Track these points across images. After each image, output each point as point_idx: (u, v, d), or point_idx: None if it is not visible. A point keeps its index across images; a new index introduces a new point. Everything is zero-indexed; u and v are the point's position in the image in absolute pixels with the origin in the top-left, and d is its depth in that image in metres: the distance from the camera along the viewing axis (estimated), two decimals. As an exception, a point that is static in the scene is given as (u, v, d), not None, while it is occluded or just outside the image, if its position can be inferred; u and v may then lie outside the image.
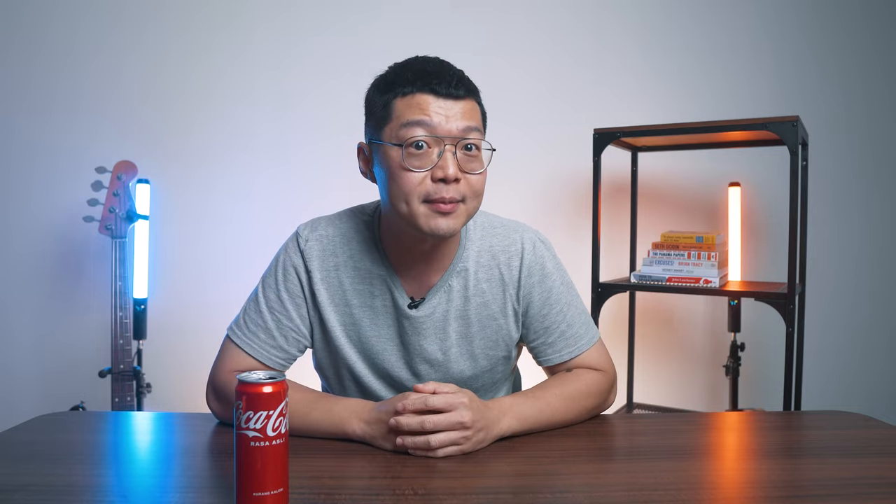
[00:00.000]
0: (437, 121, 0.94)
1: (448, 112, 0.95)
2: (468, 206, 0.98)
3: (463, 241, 1.09)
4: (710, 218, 2.41)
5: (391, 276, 1.07)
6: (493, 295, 1.09)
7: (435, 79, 0.95)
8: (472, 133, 0.97)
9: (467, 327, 1.09)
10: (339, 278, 1.08)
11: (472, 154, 0.97)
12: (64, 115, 2.39)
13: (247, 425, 0.72)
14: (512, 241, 1.10)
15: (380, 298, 1.07)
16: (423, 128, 0.94)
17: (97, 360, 2.22)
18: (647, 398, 2.40)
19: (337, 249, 1.08)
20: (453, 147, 0.95)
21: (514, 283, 1.09)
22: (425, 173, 0.95)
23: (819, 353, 2.30)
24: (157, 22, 2.41)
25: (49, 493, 0.79)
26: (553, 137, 2.43)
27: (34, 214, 2.40)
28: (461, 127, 0.95)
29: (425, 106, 0.95)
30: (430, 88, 0.95)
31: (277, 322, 1.08)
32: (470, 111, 0.97)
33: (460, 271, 1.08)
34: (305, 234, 1.09)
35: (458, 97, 0.96)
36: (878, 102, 2.41)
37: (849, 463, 0.90)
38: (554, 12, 2.43)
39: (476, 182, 0.98)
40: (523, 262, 1.09)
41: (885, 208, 2.42)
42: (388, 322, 1.08)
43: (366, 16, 2.42)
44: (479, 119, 1.00)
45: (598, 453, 0.98)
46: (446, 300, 1.07)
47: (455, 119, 0.95)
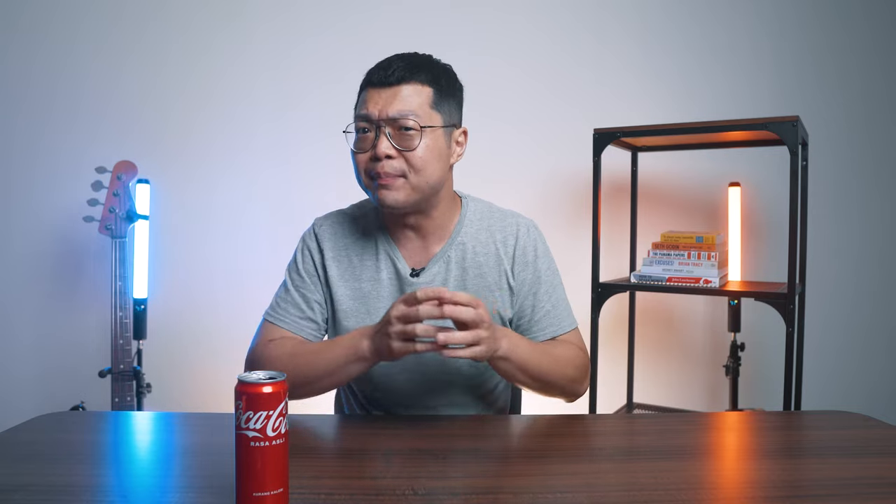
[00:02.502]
0: (372, 110, 1.08)
1: (382, 99, 1.08)
2: (412, 180, 1.09)
3: (462, 217, 1.20)
4: (710, 218, 2.41)
5: (393, 249, 1.18)
6: (489, 268, 1.18)
7: (376, 72, 1.10)
8: (406, 116, 1.07)
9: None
10: (348, 256, 1.20)
11: (407, 133, 1.08)
12: (64, 114, 2.39)
13: (247, 425, 0.72)
14: (508, 224, 1.21)
15: (385, 271, 1.18)
16: (364, 119, 1.09)
17: (97, 360, 2.22)
18: (647, 398, 2.40)
19: (346, 231, 1.22)
20: (387, 128, 1.07)
21: (510, 258, 1.18)
22: (368, 154, 1.09)
23: (819, 353, 2.30)
24: (157, 22, 2.41)
25: (49, 493, 0.79)
26: (553, 137, 2.43)
27: (34, 214, 2.40)
28: (392, 111, 1.07)
29: (367, 98, 1.10)
30: (370, 82, 1.10)
31: (303, 297, 1.19)
32: (407, 96, 1.08)
33: (458, 245, 1.18)
34: (320, 221, 1.24)
35: (392, 84, 1.08)
36: (878, 102, 2.41)
37: (849, 463, 0.90)
38: (554, 12, 2.43)
39: (413, 157, 1.08)
40: (518, 241, 1.19)
41: (885, 208, 2.42)
42: (392, 292, 1.17)
43: (366, 16, 2.42)
44: (421, 99, 1.09)
45: (598, 453, 0.98)
46: (445, 269, 1.17)
47: (388, 105, 1.07)
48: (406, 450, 0.95)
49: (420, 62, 1.11)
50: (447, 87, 1.13)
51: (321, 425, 1.06)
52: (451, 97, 1.14)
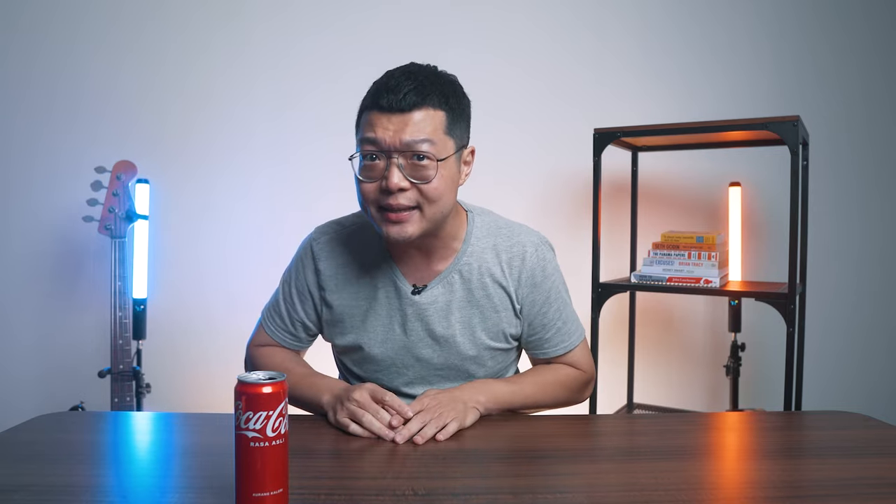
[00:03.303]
0: (381, 136, 1.00)
1: (393, 126, 1.00)
2: (427, 212, 1.03)
3: (469, 236, 1.15)
4: (711, 218, 2.41)
5: (392, 267, 1.15)
6: (495, 290, 1.15)
7: (384, 95, 1.00)
8: (420, 144, 1.00)
9: (470, 317, 1.16)
10: (346, 274, 1.17)
11: (421, 163, 1.01)
12: (63, 115, 2.39)
13: (246, 426, 0.72)
14: (515, 243, 1.16)
15: (383, 289, 1.15)
16: (372, 144, 1.01)
17: (97, 361, 2.22)
18: (647, 398, 2.40)
19: (344, 247, 1.18)
20: (399, 159, 1.00)
21: (516, 281, 1.15)
22: (376, 184, 1.02)
23: (819, 353, 2.30)
24: (156, 21, 2.41)
25: (49, 493, 0.79)
26: (553, 137, 2.43)
27: (34, 214, 2.40)
28: (405, 140, 0.99)
29: (374, 122, 1.01)
30: (378, 105, 1.01)
31: (288, 312, 1.22)
32: (419, 122, 1.00)
33: (464, 266, 1.14)
34: (317, 235, 1.21)
35: (404, 110, 0.99)
36: (878, 102, 2.41)
37: (849, 463, 0.90)
38: (554, 11, 2.43)
39: (428, 189, 1.02)
40: (525, 264, 1.15)
41: (886, 208, 2.42)
42: (391, 310, 1.15)
43: (365, 15, 2.42)
44: (434, 127, 1.01)
45: (598, 454, 0.98)
46: (449, 291, 1.14)
47: (399, 132, 0.99)
48: (406, 450, 0.95)
49: (429, 81, 1.02)
50: (458, 108, 1.06)
51: (321, 425, 1.06)
52: (461, 118, 1.07)
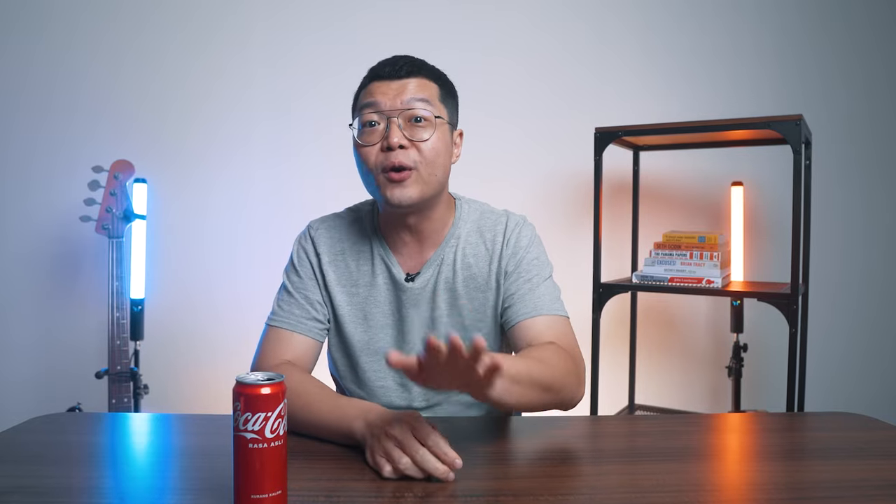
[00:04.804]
0: (381, 99, 1.07)
1: (392, 90, 1.07)
2: (423, 174, 1.07)
3: (457, 220, 1.19)
4: (713, 217, 2.40)
5: (388, 255, 1.18)
6: (479, 268, 1.17)
7: (382, 67, 1.09)
8: (417, 103, 1.07)
9: (455, 299, 1.16)
10: (345, 261, 1.19)
11: (419, 125, 1.07)
12: (61, 114, 2.39)
13: (245, 427, 0.71)
14: (497, 221, 1.19)
15: (380, 276, 1.18)
16: (371, 108, 1.07)
17: (94, 361, 2.21)
18: (648, 399, 2.39)
19: (342, 236, 1.21)
20: (398, 119, 1.06)
21: (498, 256, 1.17)
22: (376, 146, 1.07)
23: (822, 353, 2.29)
24: (154, 21, 2.40)
25: (45, 494, 0.78)
26: (554, 136, 2.42)
27: (31, 214, 2.39)
28: (404, 100, 1.06)
29: (374, 89, 1.08)
30: (377, 75, 1.09)
31: (306, 297, 1.18)
32: (417, 86, 1.08)
33: (451, 247, 1.17)
34: (315, 225, 1.23)
35: (402, 76, 1.08)
36: (881, 101, 2.40)
37: (852, 465, 0.89)
38: (555, 9, 2.42)
39: (425, 148, 1.06)
40: (506, 237, 1.17)
41: (889, 207, 2.41)
42: (388, 297, 1.17)
43: (363, 14, 2.41)
44: (430, 92, 1.09)
45: (600, 455, 0.98)
46: (437, 272, 1.17)
47: (399, 94, 1.07)
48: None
49: (422, 62, 1.13)
50: (449, 87, 1.15)
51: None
52: (452, 97, 1.16)
